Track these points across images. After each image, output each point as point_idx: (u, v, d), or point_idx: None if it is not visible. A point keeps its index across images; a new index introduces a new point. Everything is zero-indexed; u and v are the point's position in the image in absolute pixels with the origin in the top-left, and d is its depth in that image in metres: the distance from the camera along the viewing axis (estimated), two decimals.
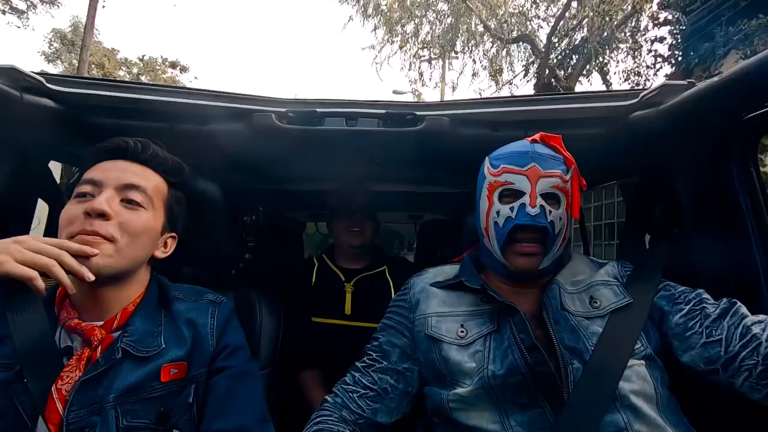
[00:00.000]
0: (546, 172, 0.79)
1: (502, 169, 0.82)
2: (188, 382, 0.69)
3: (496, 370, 0.75)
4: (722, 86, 0.72)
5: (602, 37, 8.04)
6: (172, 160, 0.80)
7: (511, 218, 0.79)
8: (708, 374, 0.72)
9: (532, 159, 0.80)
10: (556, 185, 0.80)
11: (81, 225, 0.65)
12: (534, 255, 0.80)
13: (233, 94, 0.95)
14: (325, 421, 0.79)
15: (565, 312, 0.79)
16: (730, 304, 0.74)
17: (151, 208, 0.73)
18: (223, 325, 0.77)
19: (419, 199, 1.83)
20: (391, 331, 0.90)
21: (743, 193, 0.87)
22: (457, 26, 9.20)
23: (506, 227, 0.80)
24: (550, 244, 0.80)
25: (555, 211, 0.79)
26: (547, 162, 0.80)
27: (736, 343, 0.69)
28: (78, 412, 0.60)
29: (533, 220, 0.77)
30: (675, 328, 0.77)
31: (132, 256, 0.70)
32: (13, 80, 0.82)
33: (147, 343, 0.68)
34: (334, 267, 1.51)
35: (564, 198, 0.81)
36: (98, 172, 0.72)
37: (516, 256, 0.81)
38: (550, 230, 0.78)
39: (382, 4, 9.32)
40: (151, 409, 0.64)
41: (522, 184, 0.79)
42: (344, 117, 0.96)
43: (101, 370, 0.63)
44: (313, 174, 1.32)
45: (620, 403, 0.70)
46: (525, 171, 0.80)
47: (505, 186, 0.81)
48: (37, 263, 0.57)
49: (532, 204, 0.77)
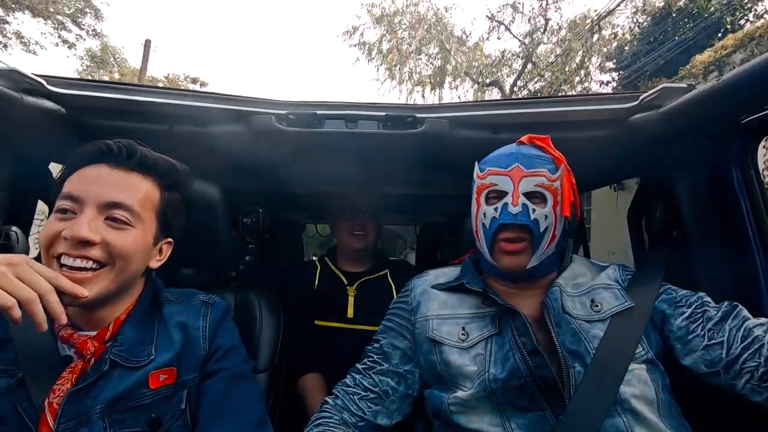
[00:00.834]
0: (529, 172, 0.81)
1: (488, 172, 0.85)
2: (179, 387, 0.67)
3: (497, 374, 0.74)
4: (722, 89, 0.72)
5: (556, 86, 10.20)
6: (164, 161, 0.74)
7: (495, 218, 0.81)
8: (709, 377, 0.72)
9: (515, 160, 0.82)
10: (541, 184, 0.81)
11: (62, 249, 0.61)
12: (519, 253, 0.81)
13: (233, 96, 0.95)
14: (326, 423, 0.79)
15: (567, 315, 0.78)
16: (731, 307, 0.75)
17: (140, 224, 0.68)
18: (215, 326, 0.75)
19: (419, 202, 1.82)
20: (392, 333, 0.90)
21: (743, 195, 0.87)
22: (445, 68, 11.75)
23: (491, 227, 0.82)
24: (536, 242, 0.80)
25: (540, 210, 0.80)
26: (532, 161, 0.82)
27: (737, 346, 0.69)
28: (66, 424, 0.59)
29: (514, 218, 0.79)
30: (677, 332, 0.77)
31: (123, 277, 0.66)
32: (14, 82, 0.82)
33: (137, 352, 0.67)
34: (336, 270, 1.51)
35: (551, 196, 0.81)
36: (78, 184, 0.65)
37: (502, 256, 0.83)
38: (532, 227, 0.79)
39: (384, 48, 11.82)
40: (140, 417, 0.63)
41: (505, 185, 0.82)
42: (344, 119, 0.96)
43: (90, 381, 0.62)
44: (313, 176, 1.32)
45: (621, 407, 0.70)
46: (508, 172, 0.82)
47: (490, 188, 0.84)
48: (18, 294, 0.51)
49: (514, 203, 0.79)
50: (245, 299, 0.99)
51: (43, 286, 0.53)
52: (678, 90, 0.85)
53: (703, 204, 0.91)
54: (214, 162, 1.00)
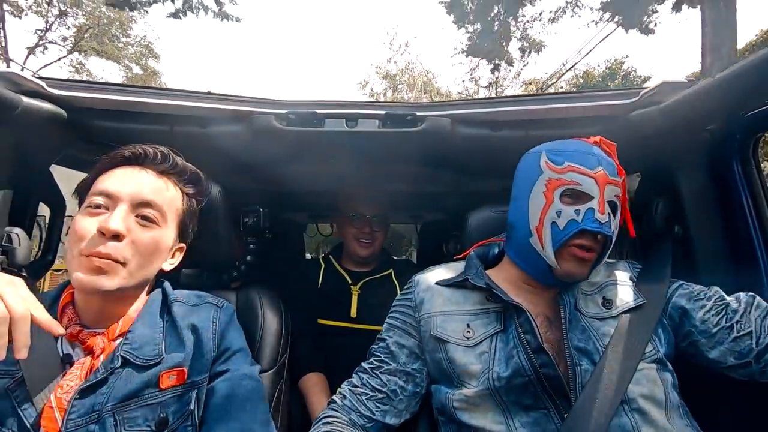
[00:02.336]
0: (612, 179, 0.76)
1: (569, 168, 0.76)
2: (188, 388, 0.68)
3: (501, 372, 0.74)
4: (722, 84, 0.72)
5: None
6: (191, 170, 0.79)
7: (575, 221, 0.74)
8: (737, 368, 0.72)
9: (599, 163, 0.76)
10: (618, 195, 0.78)
11: (94, 245, 0.64)
12: (588, 262, 0.77)
13: (233, 97, 0.95)
14: (335, 422, 0.78)
15: (578, 312, 0.78)
16: (751, 298, 0.75)
17: (165, 224, 0.72)
18: (224, 328, 0.76)
19: (420, 200, 1.82)
20: (398, 332, 0.88)
21: (744, 190, 0.87)
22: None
23: (568, 230, 0.75)
24: (604, 253, 0.78)
25: (614, 221, 0.77)
26: (611, 168, 0.77)
27: (765, 334, 0.70)
28: (76, 420, 0.60)
29: (601, 227, 0.74)
30: (700, 325, 0.75)
31: (141, 276, 0.70)
32: (14, 84, 0.82)
33: (147, 350, 0.68)
34: (340, 269, 1.51)
35: (620, 208, 0.79)
36: (113, 183, 0.69)
37: (570, 261, 0.77)
38: (609, 239, 0.76)
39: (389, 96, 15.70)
40: (150, 416, 0.64)
41: (590, 187, 0.75)
42: (344, 118, 0.96)
43: (100, 378, 0.63)
44: (314, 175, 1.32)
45: (628, 407, 0.69)
46: (594, 174, 0.75)
47: (571, 186, 0.76)
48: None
49: (602, 211, 0.74)
50: (247, 299, 0.99)
51: (16, 316, 0.52)
52: (678, 85, 0.84)
53: (705, 199, 0.91)
54: (214, 162, 1.00)
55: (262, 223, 1.24)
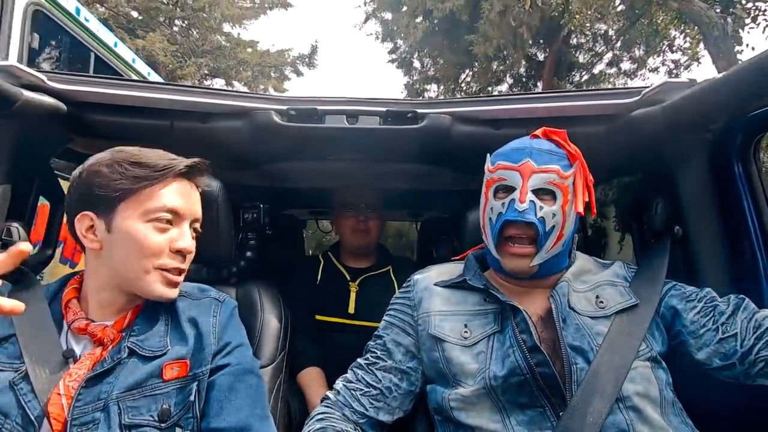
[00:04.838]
0: (540, 168, 0.79)
1: (498, 166, 0.82)
2: (189, 380, 0.69)
3: (497, 371, 0.74)
4: (724, 84, 0.71)
5: None
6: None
7: (501, 213, 0.80)
8: (723, 370, 0.73)
9: (527, 155, 0.80)
10: (552, 181, 0.79)
11: (170, 260, 0.70)
12: (525, 256, 0.80)
13: (234, 92, 0.95)
14: (328, 418, 0.79)
15: (572, 310, 0.78)
16: (740, 300, 0.76)
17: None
18: (224, 323, 0.77)
19: (420, 197, 1.82)
20: (395, 329, 0.89)
21: (745, 191, 0.87)
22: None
23: (497, 222, 0.80)
24: (542, 240, 0.79)
25: (548, 207, 0.78)
26: (544, 157, 0.80)
27: (750, 337, 0.70)
28: (83, 408, 0.61)
29: (521, 215, 0.77)
30: (690, 326, 0.76)
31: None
32: (14, 78, 0.82)
33: (153, 342, 0.69)
34: (339, 265, 1.51)
35: (561, 194, 0.79)
36: (178, 200, 0.72)
37: (507, 257, 0.81)
38: (538, 226, 0.77)
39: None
40: (153, 406, 0.65)
41: (514, 180, 0.79)
42: (345, 115, 0.96)
43: (107, 368, 0.65)
44: (314, 171, 1.32)
45: (623, 405, 0.70)
46: (518, 167, 0.79)
47: (499, 182, 0.82)
48: None
49: (521, 200, 0.77)
50: (246, 294, 0.99)
51: None
52: (680, 85, 0.84)
53: (705, 199, 0.91)
54: (214, 158, 1.00)
55: (262, 219, 1.24)
